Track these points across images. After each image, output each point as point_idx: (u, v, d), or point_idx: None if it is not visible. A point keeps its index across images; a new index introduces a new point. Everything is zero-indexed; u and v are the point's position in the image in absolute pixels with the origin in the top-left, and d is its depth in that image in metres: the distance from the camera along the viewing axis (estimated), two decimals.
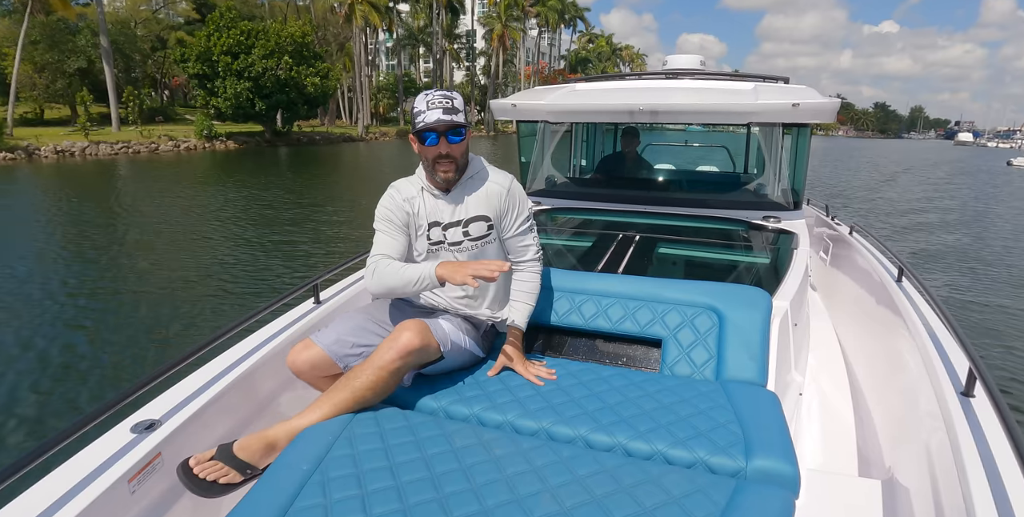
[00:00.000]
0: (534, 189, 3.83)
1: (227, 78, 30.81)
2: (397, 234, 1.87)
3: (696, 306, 1.96)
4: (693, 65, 3.79)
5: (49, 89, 34.19)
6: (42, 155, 25.43)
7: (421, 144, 1.78)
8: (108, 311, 6.28)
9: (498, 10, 52.98)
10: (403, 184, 1.93)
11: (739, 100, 2.77)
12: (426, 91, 1.78)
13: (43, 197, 15.07)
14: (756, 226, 3.17)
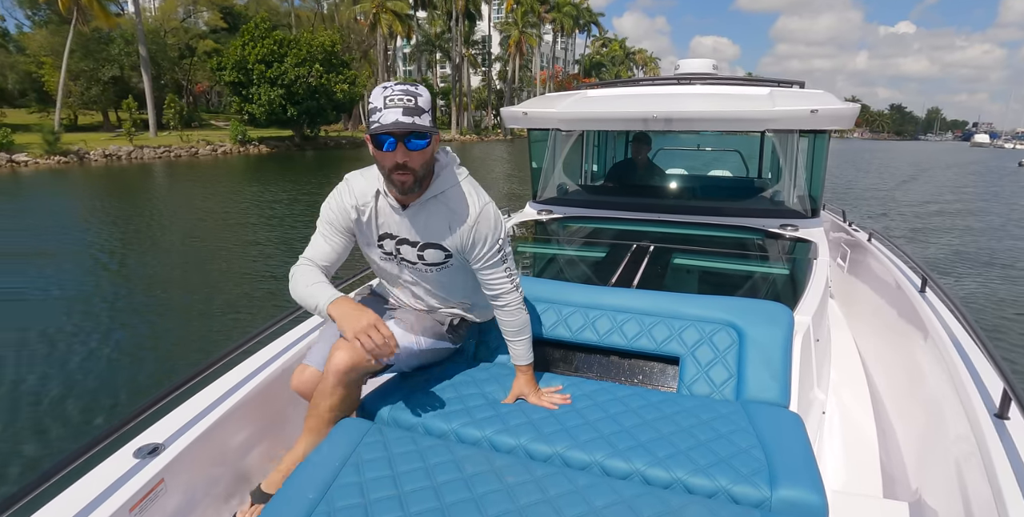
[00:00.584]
0: (545, 197, 3.76)
1: (261, 85, 32.70)
2: (334, 237, 1.71)
3: (714, 322, 1.90)
4: (706, 69, 3.75)
5: (84, 96, 36.17)
6: (92, 159, 27.31)
7: (376, 148, 1.52)
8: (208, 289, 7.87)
9: (515, 17, 54.65)
10: (358, 181, 1.70)
11: (755, 107, 2.72)
12: (385, 83, 1.50)
13: (118, 195, 16.83)
14: (773, 235, 3.07)
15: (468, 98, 57.92)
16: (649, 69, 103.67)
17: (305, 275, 1.65)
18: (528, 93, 68.05)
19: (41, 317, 6.55)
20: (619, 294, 2.07)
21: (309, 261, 1.70)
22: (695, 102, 2.93)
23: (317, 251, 1.71)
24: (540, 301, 2.07)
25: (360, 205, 1.68)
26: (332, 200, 1.71)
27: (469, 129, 57.53)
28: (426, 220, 1.66)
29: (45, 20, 42.18)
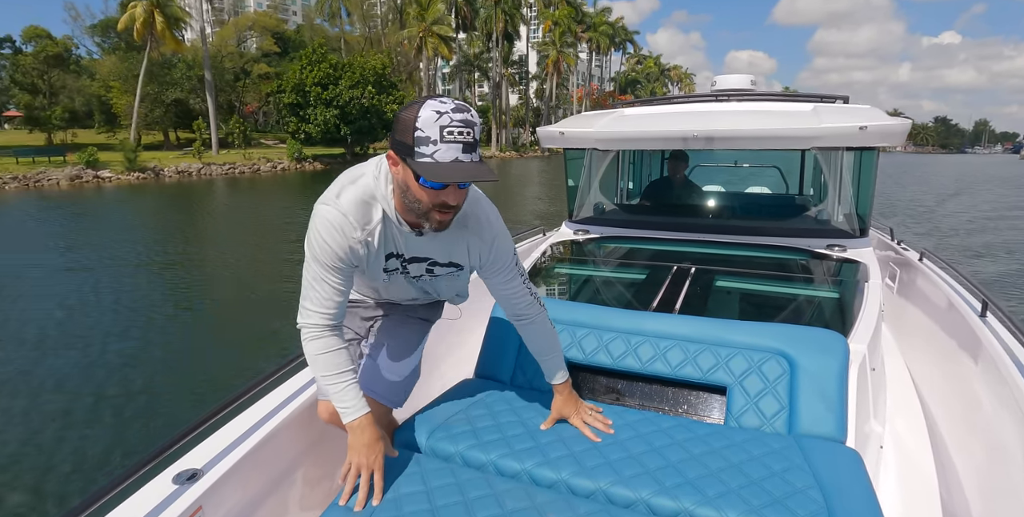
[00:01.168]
0: (581, 216, 3.67)
1: (317, 107, 35.23)
2: (340, 281, 1.45)
3: (764, 351, 1.83)
4: (744, 85, 3.68)
5: (148, 117, 39.21)
6: (166, 175, 29.91)
7: (417, 183, 1.28)
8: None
9: (553, 37, 56.78)
10: (354, 207, 1.39)
11: (800, 124, 2.65)
12: (438, 104, 1.24)
13: (206, 207, 18.91)
14: (819, 255, 2.95)
15: (506, 116, 60.03)
16: (684, 85, 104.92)
17: (328, 355, 1.45)
18: (564, 111, 69.96)
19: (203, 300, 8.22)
20: (662, 319, 2.01)
21: (325, 322, 1.45)
22: (736, 119, 2.84)
23: (327, 303, 1.45)
24: (580, 326, 2.02)
25: (367, 237, 1.42)
26: (330, 240, 1.38)
27: (508, 146, 59.60)
28: (442, 242, 1.50)
29: (113, 47, 45.90)
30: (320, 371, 1.45)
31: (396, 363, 1.76)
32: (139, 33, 34.94)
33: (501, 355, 2.05)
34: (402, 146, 1.27)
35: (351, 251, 1.42)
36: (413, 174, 1.27)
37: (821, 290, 2.68)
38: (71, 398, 5.15)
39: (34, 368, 5.82)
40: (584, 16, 61.92)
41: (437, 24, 44.37)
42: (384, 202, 1.39)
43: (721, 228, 3.33)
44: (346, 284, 1.47)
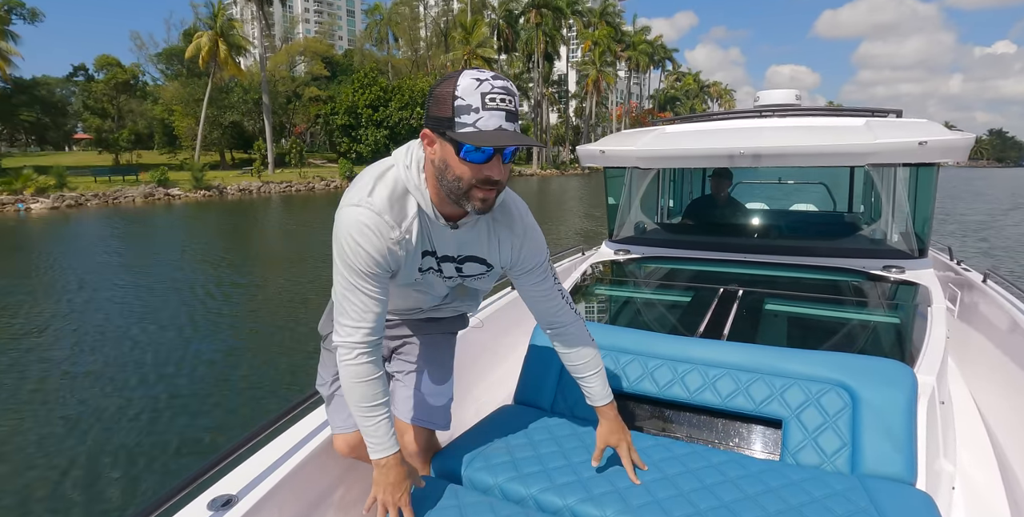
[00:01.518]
0: (622, 236, 3.59)
1: (368, 127, 37.25)
2: (379, 290, 1.34)
3: (822, 382, 1.69)
4: (789, 100, 3.55)
5: (206, 139, 41.87)
6: (229, 193, 32.02)
7: (459, 157, 1.19)
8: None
9: (593, 57, 58.24)
10: (387, 205, 1.29)
11: (855, 139, 2.53)
12: (476, 72, 1.19)
13: (275, 221, 20.52)
14: (876, 277, 2.83)
15: (546, 134, 61.47)
16: (724, 101, 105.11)
17: (366, 385, 1.34)
18: (603, 129, 71.14)
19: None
20: (711, 346, 1.91)
21: (365, 339, 1.33)
22: (785, 135, 2.75)
23: (367, 316, 1.33)
24: (623, 352, 1.95)
25: (405, 235, 1.31)
26: (366, 244, 1.27)
27: (548, 164, 60.95)
28: (476, 236, 1.42)
29: (175, 74, 49.24)
30: (355, 401, 1.34)
31: (438, 387, 1.70)
32: (204, 61, 37.65)
33: (542, 380, 1.96)
34: (440, 121, 1.18)
35: (390, 254, 1.30)
36: (453, 148, 1.18)
37: (880, 315, 2.53)
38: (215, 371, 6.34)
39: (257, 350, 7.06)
40: (623, 35, 63.37)
41: (481, 47, 46.26)
42: (418, 194, 1.29)
43: (768, 248, 3.19)
44: (384, 293, 1.34)
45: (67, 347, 7.21)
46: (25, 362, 6.70)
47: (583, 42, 60.67)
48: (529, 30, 54.74)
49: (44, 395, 5.75)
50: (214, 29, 38.04)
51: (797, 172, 5.11)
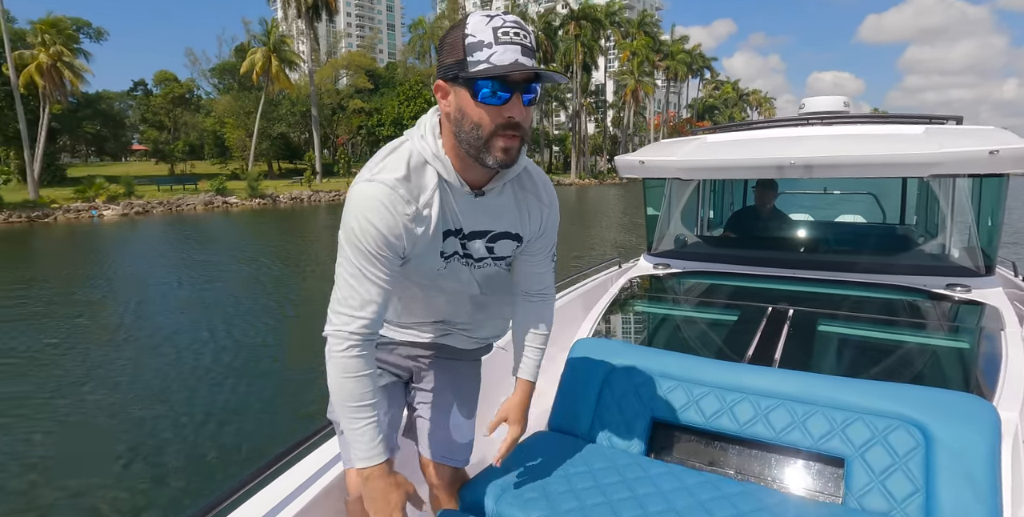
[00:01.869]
0: (661, 249, 3.46)
1: None
2: (387, 276, 1.22)
3: (889, 417, 1.54)
4: (837, 107, 3.39)
5: (256, 149, 44.00)
6: (282, 201, 33.81)
7: (476, 100, 1.09)
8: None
9: (631, 67, 59.05)
10: (406, 175, 1.18)
11: (916, 149, 2.34)
12: (482, 11, 1.12)
13: (332, 226, 21.93)
14: (938, 297, 2.63)
15: (584, 144, 62.40)
16: (764, 109, 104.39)
17: (355, 381, 1.22)
18: (641, 138, 71.69)
19: None
20: (762, 374, 1.76)
21: (360, 330, 1.20)
22: (837, 145, 2.59)
23: (368, 306, 1.20)
24: (667, 377, 1.81)
25: (424, 209, 1.20)
26: (378, 221, 1.16)
27: (587, 174, 61.83)
28: (504, 205, 1.31)
29: (227, 88, 51.89)
30: (341, 399, 1.22)
31: (462, 422, 1.60)
32: (258, 75, 39.82)
33: (578, 406, 1.85)
34: (451, 66, 1.10)
35: (405, 233, 1.19)
36: (469, 92, 1.09)
37: (945, 339, 2.36)
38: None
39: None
40: (661, 45, 64.01)
41: None
42: (437, 162, 1.19)
43: (818, 263, 3.02)
44: (392, 282, 1.22)
45: (203, 330, 8.40)
46: (161, 343, 7.88)
47: (621, 52, 61.56)
48: (567, 41, 55.89)
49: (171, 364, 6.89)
50: (267, 45, 40.20)
51: (844, 181, 4.86)
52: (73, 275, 13.17)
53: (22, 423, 5.40)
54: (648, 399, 1.77)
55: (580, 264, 11.46)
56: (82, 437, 5.17)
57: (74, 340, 8.04)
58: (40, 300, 10.65)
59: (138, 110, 53.93)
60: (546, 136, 66.01)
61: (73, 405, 5.81)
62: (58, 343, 7.88)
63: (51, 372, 6.76)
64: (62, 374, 6.69)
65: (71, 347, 7.70)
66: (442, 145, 1.21)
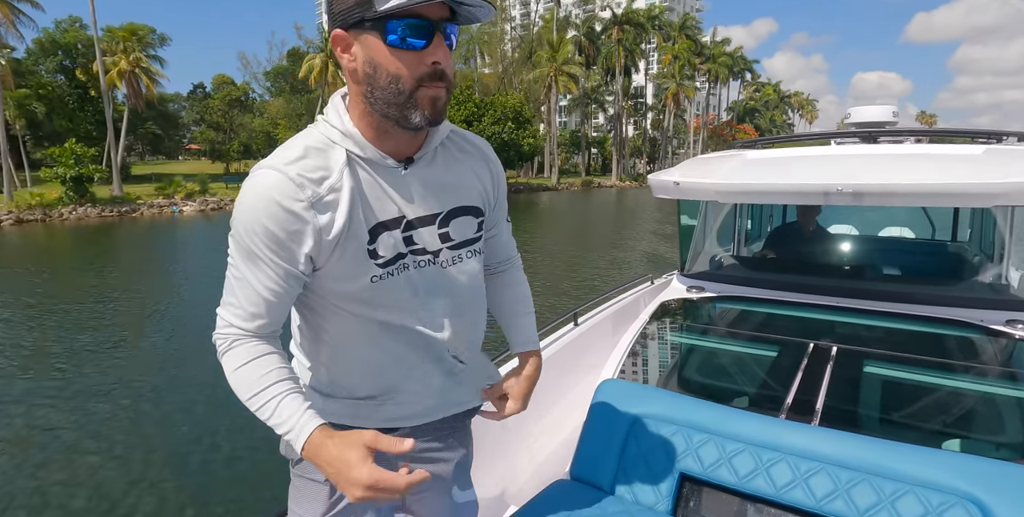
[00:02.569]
0: (695, 270, 3.25)
1: None
2: (283, 284, 0.99)
3: (945, 491, 1.38)
4: (885, 117, 3.16)
5: None
6: None
7: (390, 45, 0.92)
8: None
9: (672, 70, 60.39)
10: (302, 159, 0.97)
11: (976, 176, 2.06)
12: None
13: None
14: (997, 334, 2.34)
15: (624, 147, 63.98)
16: (806, 112, 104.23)
17: (252, 365, 1.00)
18: (680, 140, 72.90)
19: None
20: (802, 432, 1.60)
21: (248, 329, 1.01)
22: (889, 168, 2.31)
23: (255, 319, 1.01)
24: (697, 429, 1.67)
25: (324, 194, 0.96)
26: (264, 214, 0.94)
27: (627, 176, 63.47)
28: (445, 173, 1.09)
29: (279, 90, 54.95)
30: (245, 391, 0.99)
31: (461, 494, 1.32)
32: (315, 79, 42.50)
33: (602, 455, 1.72)
34: (351, 10, 0.91)
35: (304, 228, 0.95)
36: (379, 36, 0.91)
37: (1005, 387, 2.15)
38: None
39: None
40: (703, 48, 65.17)
41: (567, 64, 49.49)
42: (346, 140, 0.99)
43: (862, 292, 2.80)
44: (286, 288, 0.99)
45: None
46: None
47: (663, 55, 62.90)
48: (610, 45, 57.58)
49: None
50: (324, 52, 42.85)
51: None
52: (193, 257, 15.68)
53: None
54: (677, 452, 1.64)
55: (614, 273, 13.11)
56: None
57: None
58: (180, 274, 13.38)
59: (191, 111, 57.47)
60: (586, 138, 67.70)
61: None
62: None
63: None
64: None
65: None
66: (350, 119, 1.00)
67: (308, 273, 1.02)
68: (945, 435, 1.77)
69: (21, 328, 9.27)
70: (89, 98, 41.47)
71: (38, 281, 13.16)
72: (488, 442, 1.91)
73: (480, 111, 40.92)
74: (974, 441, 1.85)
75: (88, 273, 14.14)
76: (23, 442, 5.41)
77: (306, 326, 1.13)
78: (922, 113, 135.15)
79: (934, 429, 1.86)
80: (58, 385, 6.74)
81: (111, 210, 28.42)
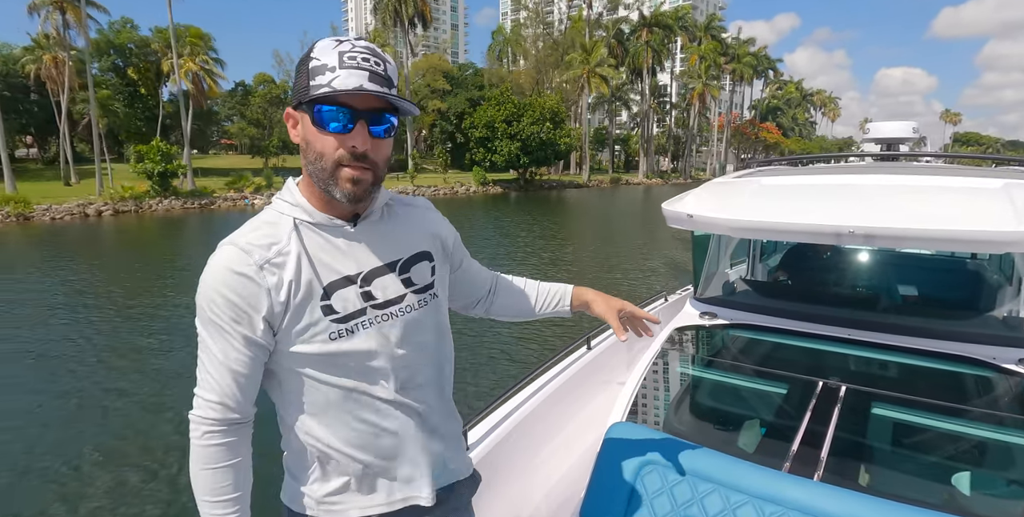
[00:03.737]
0: (708, 294, 3.21)
1: (503, 140, 44.37)
2: (248, 357, 1.09)
3: None
4: (905, 133, 3.22)
5: None
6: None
7: (317, 126, 1.06)
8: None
9: (699, 70, 63.50)
10: (254, 233, 1.10)
11: (996, 223, 1.95)
12: (333, 37, 1.07)
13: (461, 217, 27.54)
14: (1009, 373, 2.26)
15: (649, 144, 67.16)
16: (829, 110, 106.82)
17: (216, 473, 1.09)
18: (703, 138, 75.96)
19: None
20: (804, 489, 1.61)
21: (225, 417, 1.09)
22: (904, 208, 2.25)
23: (227, 389, 1.09)
24: (703, 479, 1.71)
25: (276, 257, 1.07)
26: (224, 286, 1.05)
27: (653, 174, 66.74)
28: (393, 227, 1.21)
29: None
30: (199, 492, 1.10)
31: None
32: None
33: (610, 500, 1.78)
34: (297, 92, 1.06)
35: (255, 289, 1.05)
36: (311, 119, 1.05)
37: (1013, 434, 2.02)
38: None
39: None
40: (728, 48, 68.18)
41: (599, 66, 52.84)
42: (297, 209, 1.12)
43: (877, 325, 2.65)
44: (251, 357, 1.09)
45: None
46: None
47: (688, 55, 65.96)
48: (637, 45, 60.80)
49: None
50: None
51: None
52: None
53: None
54: (683, 502, 1.66)
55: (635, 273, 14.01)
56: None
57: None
58: None
59: (224, 107, 61.07)
60: (611, 136, 70.90)
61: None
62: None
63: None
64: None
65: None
66: (300, 190, 1.14)
67: (268, 341, 1.09)
68: (951, 484, 1.73)
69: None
70: (139, 96, 44.94)
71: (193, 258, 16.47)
72: (500, 473, 2.00)
73: (519, 111, 44.33)
74: (984, 496, 1.79)
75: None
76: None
77: (283, 410, 1.18)
78: (946, 111, 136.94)
79: (940, 478, 1.83)
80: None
81: (192, 202, 31.99)
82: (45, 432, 5.79)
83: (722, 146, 73.18)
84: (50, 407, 6.44)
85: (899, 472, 1.87)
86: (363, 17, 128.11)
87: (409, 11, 47.09)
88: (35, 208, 27.15)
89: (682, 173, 69.62)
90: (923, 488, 1.83)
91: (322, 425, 1.16)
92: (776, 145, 75.87)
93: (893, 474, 1.89)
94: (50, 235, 22.46)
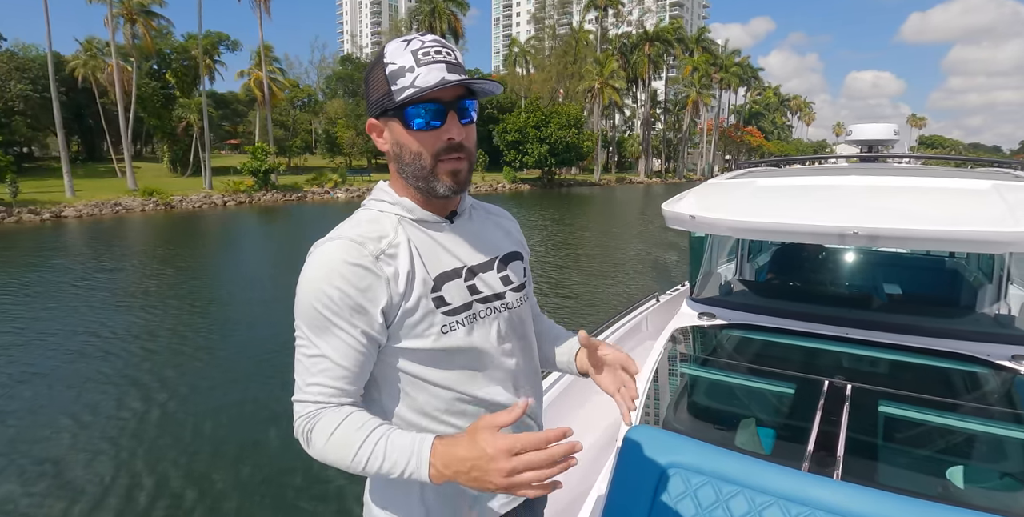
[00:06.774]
0: (705, 294, 3.38)
1: (532, 143, 53.51)
2: (358, 344, 1.13)
3: None
4: (886, 135, 3.51)
5: (363, 147, 57.48)
6: None
7: (412, 129, 1.15)
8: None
9: (692, 80, 73.90)
10: (360, 229, 1.17)
11: (997, 225, 2.12)
12: (398, 38, 1.16)
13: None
14: (1004, 369, 2.43)
15: (648, 147, 77.36)
16: (804, 114, 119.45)
17: (346, 424, 1.08)
18: (692, 142, 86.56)
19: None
20: (827, 488, 1.69)
21: (337, 393, 1.12)
22: (902, 208, 2.42)
23: (332, 381, 1.12)
24: (727, 481, 1.77)
25: (386, 249, 1.15)
26: (335, 280, 1.10)
27: (652, 174, 77.05)
28: (483, 225, 1.34)
29: (333, 92, 66.65)
30: (346, 450, 1.06)
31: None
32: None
33: (632, 506, 1.83)
34: (379, 101, 1.15)
35: (373, 280, 1.11)
36: (401, 123, 1.14)
37: (1013, 429, 2.15)
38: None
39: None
40: (717, 59, 78.84)
41: (612, 79, 62.71)
42: (396, 206, 1.22)
43: (872, 323, 2.84)
44: (365, 354, 1.13)
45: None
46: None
47: (682, 65, 76.35)
48: (638, 57, 70.99)
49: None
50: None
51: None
52: None
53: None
54: (707, 505, 1.71)
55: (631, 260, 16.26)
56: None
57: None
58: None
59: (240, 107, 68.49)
60: (604, 137, 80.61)
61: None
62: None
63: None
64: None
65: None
66: (394, 192, 1.24)
67: (383, 335, 1.14)
68: (968, 481, 1.81)
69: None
70: (174, 98, 51.14)
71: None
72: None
73: (547, 118, 53.87)
74: (990, 491, 1.88)
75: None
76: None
77: (379, 416, 1.15)
78: (912, 116, 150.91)
79: (945, 471, 1.92)
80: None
81: (290, 195, 40.10)
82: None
83: (711, 148, 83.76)
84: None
85: (911, 470, 1.96)
86: (358, 21, 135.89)
87: (443, 26, 55.85)
88: (172, 199, 35.06)
89: (676, 173, 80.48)
90: (934, 484, 1.92)
91: (426, 430, 1.16)
92: (759, 148, 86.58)
93: (907, 471, 1.97)
94: (218, 217, 29.77)
